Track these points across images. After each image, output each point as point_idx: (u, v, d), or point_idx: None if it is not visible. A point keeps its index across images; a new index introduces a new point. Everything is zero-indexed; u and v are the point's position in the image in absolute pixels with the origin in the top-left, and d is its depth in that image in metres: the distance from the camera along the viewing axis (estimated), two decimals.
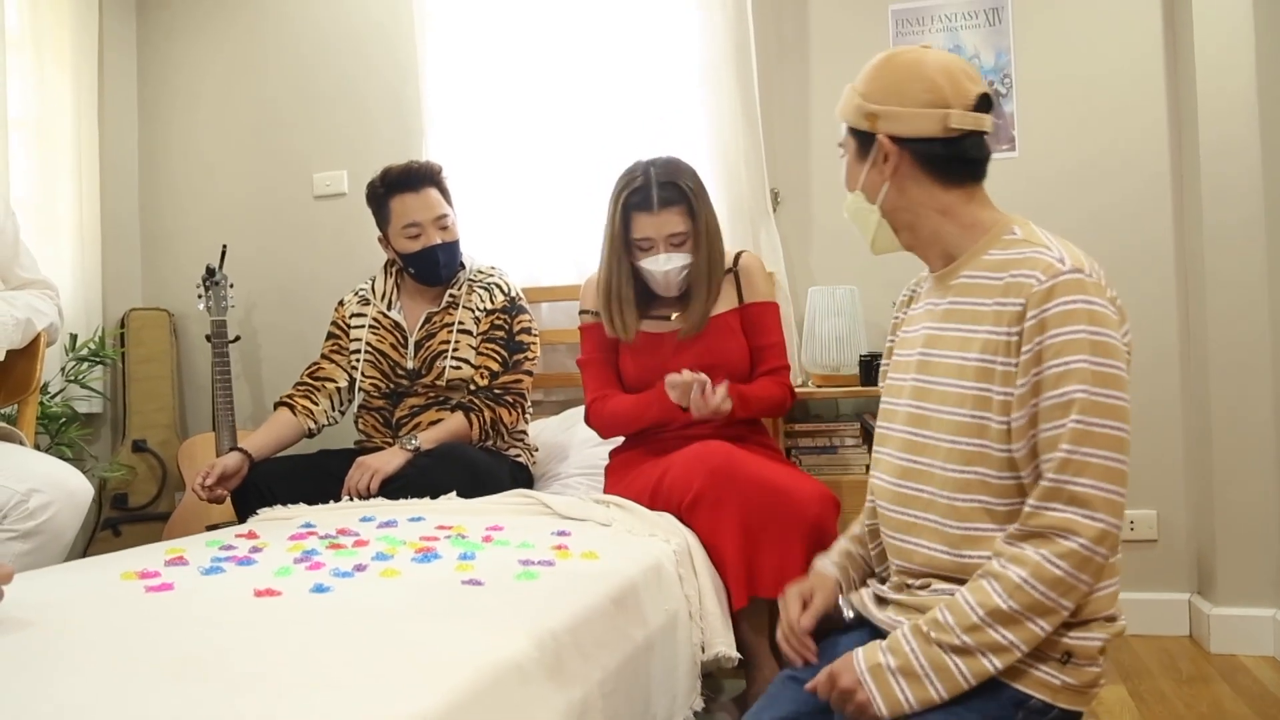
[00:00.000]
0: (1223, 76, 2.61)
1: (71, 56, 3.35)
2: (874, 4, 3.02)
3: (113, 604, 1.35)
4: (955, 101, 1.32)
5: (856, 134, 1.38)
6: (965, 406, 1.27)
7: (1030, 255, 1.25)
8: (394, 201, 2.61)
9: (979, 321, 1.28)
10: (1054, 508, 1.16)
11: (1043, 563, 1.15)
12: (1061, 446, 1.16)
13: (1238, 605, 2.58)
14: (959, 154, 1.34)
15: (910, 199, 1.36)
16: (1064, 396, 1.18)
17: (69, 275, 3.29)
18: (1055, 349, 1.19)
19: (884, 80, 1.35)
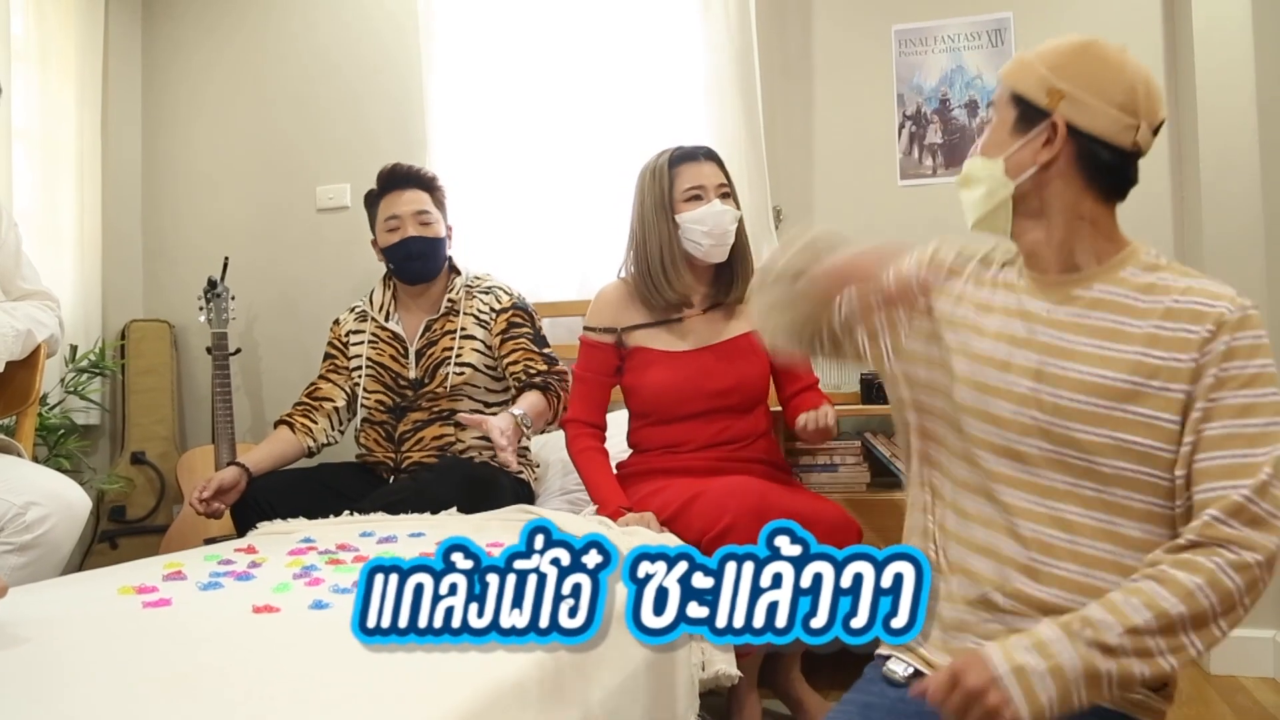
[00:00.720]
0: (1223, 95, 2.62)
1: (76, 67, 3.36)
2: (877, 23, 3.03)
3: (110, 619, 1.34)
4: (1144, 117, 1.25)
5: (1023, 104, 1.28)
6: (1105, 427, 1.21)
7: (1202, 285, 1.23)
8: (382, 202, 2.66)
9: (1122, 341, 1.23)
10: (1235, 525, 1.12)
11: (1218, 571, 1.09)
12: (1264, 472, 1.13)
13: (1238, 627, 2.56)
14: (1123, 170, 1.28)
15: (1052, 192, 1.28)
16: (1257, 428, 1.15)
17: (70, 286, 3.29)
18: (1245, 379, 1.17)
19: (1081, 64, 1.25)
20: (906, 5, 3.01)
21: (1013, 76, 1.30)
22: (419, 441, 2.58)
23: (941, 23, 2.99)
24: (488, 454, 2.60)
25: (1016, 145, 1.28)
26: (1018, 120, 1.28)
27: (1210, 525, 1.12)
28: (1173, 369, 1.19)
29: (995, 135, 1.31)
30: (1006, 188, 1.29)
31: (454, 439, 2.57)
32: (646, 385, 2.31)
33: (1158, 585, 1.10)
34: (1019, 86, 1.28)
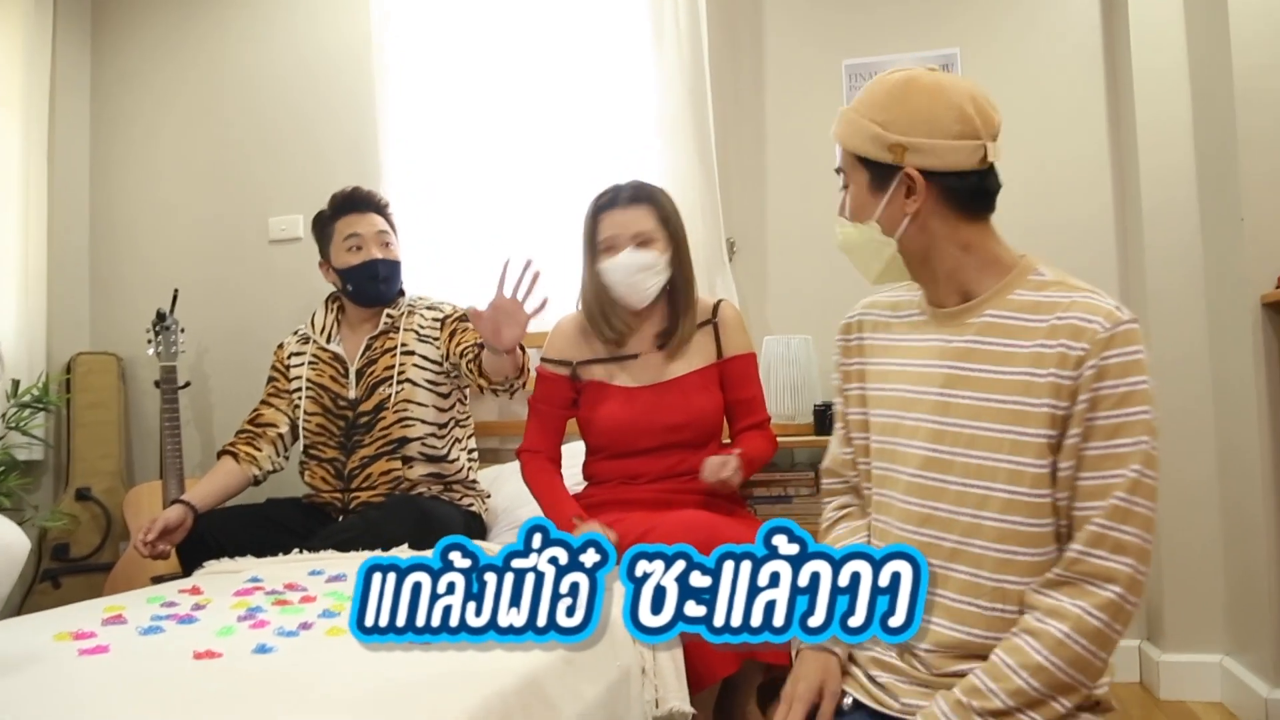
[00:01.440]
0: (1160, 133, 2.68)
1: (20, 98, 3.31)
2: (827, 58, 3.07)
3: (42, 669, 1.30)
4: (985, 132, 1.26)
5: (870, 165, 1.28)
6: (1000, 451, 1.22)
7: (1082, 299, 1.22)
8: (339, 222, 2.64)
9: (1011, 363, 1.23)
10: (1098, 554, 1.14)
11: (1083, 615, 1.13)
12: (1116, 495, 1.14)
13: (1185, 651, 2.61)
14: (985, 187, 1.28)
15: (931, 233, 1.28)
16: (1125, 447, 1.16)
17: (13, 319, 3.23)
18: (1116, 399, 1.16)
19: (908, 108, 1.25)
20: (856, 40, 3.06)
21: (849, 139, 1.30)
22: (367, 478, 2.54)
23: (891, 58, 3.04)
24: (437, 489, 2.58)
25: (881, 205, 1.28)
26: (871, 181, 1.29)
27: (1077, 560, 1.15)
28: (1054, 385, 1.19)
29: (857, 199, 1.32)
30: (890, 245, 1.30)
31: (402, 475, 2.54)
32: (600, 419, 2.30)
33: (1030, 639, 1.14)
34: (859, 149, 1.29)
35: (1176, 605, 2.63)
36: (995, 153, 1.27)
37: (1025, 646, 1.14)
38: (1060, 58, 2.93)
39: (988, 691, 1.14)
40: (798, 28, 3.11)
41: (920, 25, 3.02)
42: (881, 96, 1.28)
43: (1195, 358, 2.63)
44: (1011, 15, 2.96)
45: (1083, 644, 1.13)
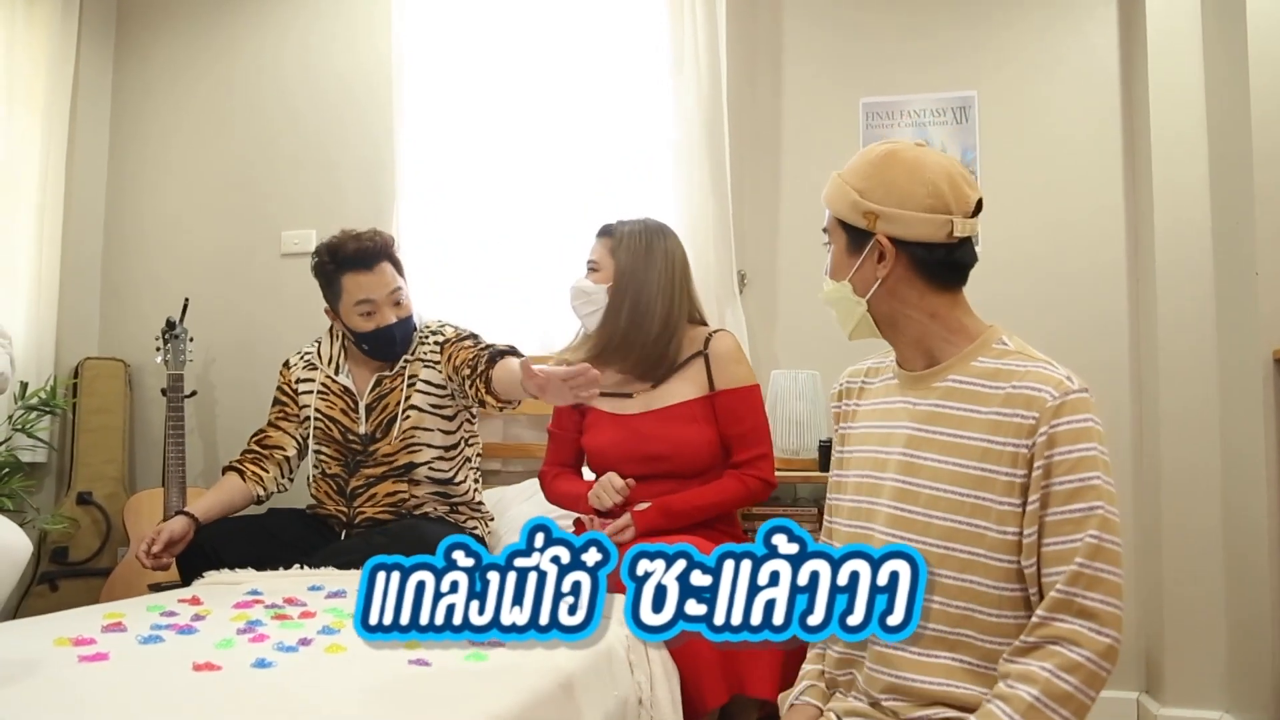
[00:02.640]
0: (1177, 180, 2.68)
1: (44, 103, 3.34)
2: (845, 96, 3.09)
3: (41, 675, 1.30)
4: (956, 208, 1.32)
5: (849, 228, 1.37)
6: (961, 514, 1.27)
7: (1036, 369, 1.28)
8: (345, 279, 2.53)
9: (970, 428, 1.29)
10: (1062, 619, 1.17)
11: (1052, 679, 1.16)
12: (1076, 560, 1.18)
13: (1186, 706, 2.58)
14: (954, 260, 1.35)
15: (900, 299, 1.36)
16: (1080, 512, 1.20)
17: (23, 321, 3.24)
18: (1069, 465, 1.21)
19: (884, 179, 1.33)
20: (875, 80, 3.08)
21: (833, 203, 1.40)
22: (371, 498, 2.54)
23: (909, 98, 3.06)
24: (442, 510, 2.57)
25: (855, 266, 1.37)
26: (849, 244, 1.38)
27: (1041, 625, 1.19)
28: (1012, 454, 1.25)
29: (837, 261, 1.41)
30: (860, 305, 1.39)
31: (407, 495, 2.53)
32: (591, 446, 2.38)
33: (1004, 705, 1.17)
34: (840, 213, 1.38)
35: (1177, 659, 2.61)
36: (965, 228, 1.33)
37: (998, 713, 1.16)
38: (1078, 105, 2.94)
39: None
40: (817, 62, 3.13)
41: (939, 65, 3.04)
42: (864, 165, 1.37)
43: (1204, 412, 2.62)
44: (1031, 60, 2.98)
45: (1054, 707, 1.15)
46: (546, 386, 2.01)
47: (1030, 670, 1.17)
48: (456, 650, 1.48)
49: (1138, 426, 2.83)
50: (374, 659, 1.42)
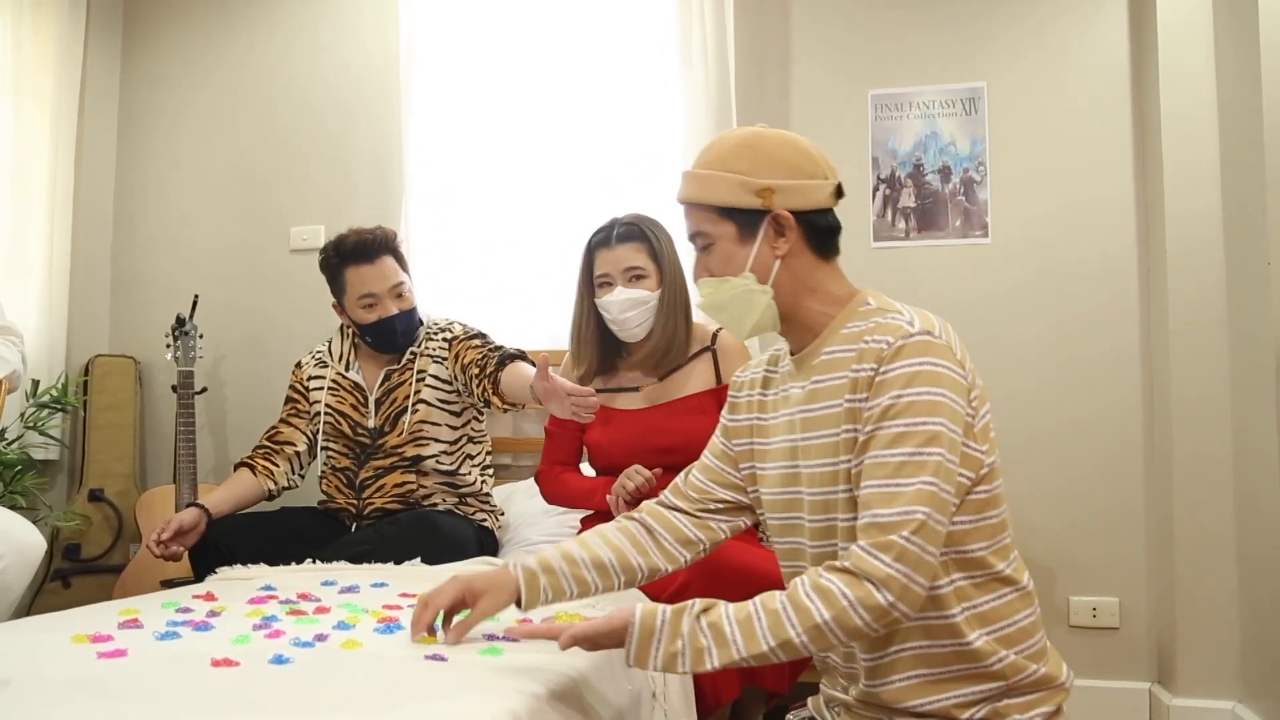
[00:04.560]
0: (1188, 171, 2.68)
1: (52, 100, 3.34)
2: (854, 88, 3.09)
3: (62, 671, 1.30)
4: (830, 174, 1.36)
5: (735, 214, 1.34)
6: (837, 483, 1.27)
7: (885, 322, 1.26)
8: (349, 272, 2.57)
9: (837, 395, 1.28)
10: (878, 556, 1.15)
11: (848, 609, 1.15)
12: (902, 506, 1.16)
13: (1198, 697, 2.58)
14: (836, 225, 1.37)
15: (795, 275, 1.35)
16: (909, 456, 1.18)
17: (35, 319, 3.25)
18: (899, 409, 1.20)
19: (767, 155, 1.33)
20: (883, 71, 3.08)
21: (711, 195, 1.35)
22: (380, 489, 2.55)
23: (917, 89, 3.05)
24: (451, 501, 2.58)
25: (753, 252, 1.34)
26: (740, 231, 1.34)
27: (859, 558, 1.17)
28: (851, 411, 1.25)
29: (724, 253, 1.36)
30: (766, 293, 1.35)
31: (415, 485, 2.55)
32: (598, 441, 2.37)
33: (791, 614, 1.17)
34: (723, 201, 1.34)
35: (1189, 650, 2.61)
36: (840, 191, 1.37)
37: (784, 620, 1.17)
38: (1088, 94, 2.93)
39: (733, 642, 1.18)
40: (825, 56, 3.13)
41: (947, 57, 3.04)
42: (736, 149, 1.35)
43: (1216, 401, 2.61)
44: (1040, 50, 2.97)
45: (836, 633, 1.16)
46: (553, 393, 2.01)
47: (831, 591, 1.16)
48: (472, 646, 1.50)
49: (1149, 416, 2.82)
50: (390, 655, 1.43)
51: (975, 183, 2.99)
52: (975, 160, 3.00)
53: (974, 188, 2.99)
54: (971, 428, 1.26)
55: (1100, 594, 2.82)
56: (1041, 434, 2.88)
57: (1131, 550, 2.81)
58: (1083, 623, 2.82)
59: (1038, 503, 2.87)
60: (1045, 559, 2.85)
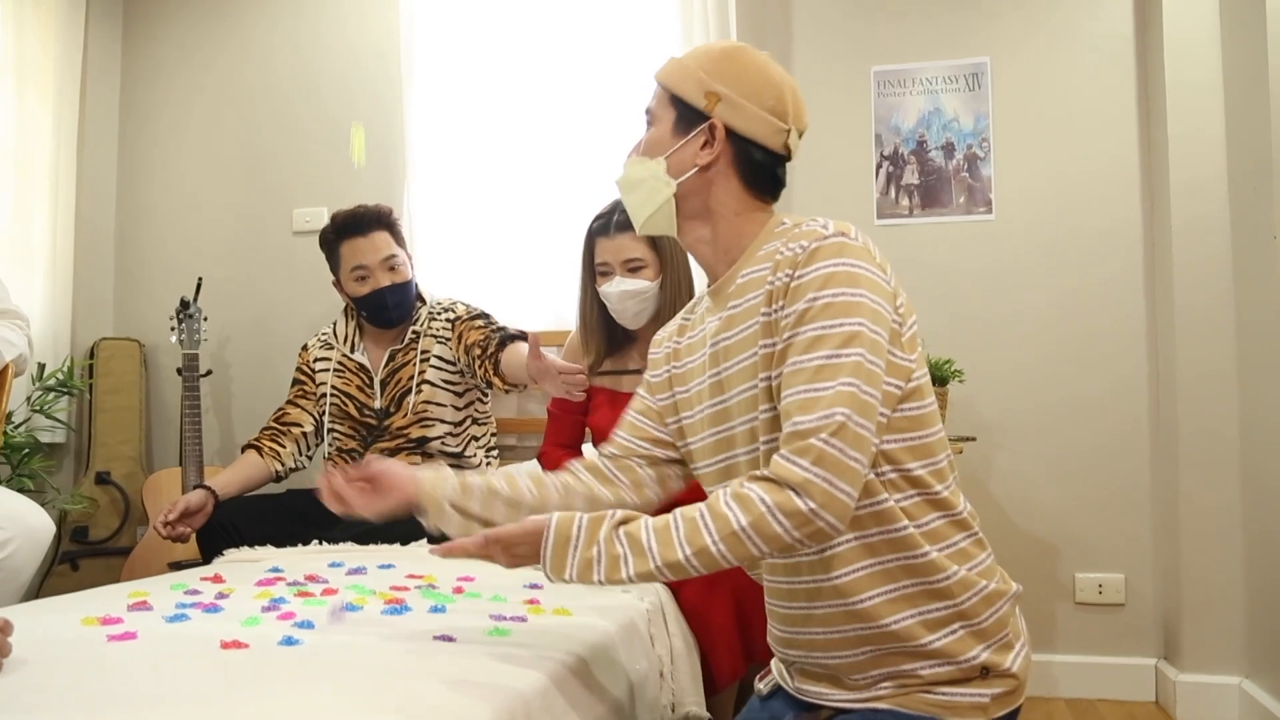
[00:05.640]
0: (1191, 139, 2.67)
1: (54, 84, 3.33)
2: (857, 64, 3.07)
3: (73, 653, 1.31)
4: (794, 123, 1.31)
5: (681, 105, 1.31)
6: (757, 407, 1.23)
7: (802, 229, 1.22)
8: (343, 246, 2.61)
9: (755, 314, 1.24)
10: (794, 460, 1.11)
11: (766, 515, 1.11)
12: (816, 410, 1.11)
13: (1204, 672, 2.59)
14: (774, 171, 1.33)
15: (711, 192, 1.31)
16: (827, 359, 1.13)
17: (40, 303, 3.25)
18: (815, 312, 1.16)
19: (734, 69, 1.30)
20: (886, 47, 3.05)
21: (671, 78, 1.34)
22: None
23: (920, 65, 3.03)
24: None
25: (677, 146, 1.32)
26: (677, 121, 1.32)
27: (777, 464, 1.12)
28: (768, 325, 1.21)
29: (656, 135, 1.34)
30: (670, 186, 1.32)
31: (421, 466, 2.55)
32: (600, 424, 2.37)
33: (708, 520, 1.13)
34: (678, 88, 1.32)
35: (1195, 625, 2.61)
36: (795, 147, 1.32)
37: (701, 526, 1.13)
38: (1092, 68, 2.91)
39: (649, 551, 1.15)
40: (827, 39, 3.11)
41: (950, 35, 3.01)
42: (715, 52, 1.33)
43: (1222, 374, 2.61)
44: (1044, 25, 2.95)
45: (755, 541, 1.12)
46: (545, 372, 2.01)
47: (749, 497, 1.12)
48: (480, 625, 1.50)
49: (1154, 391, 2.82)
50: (398, 635, 1.44)
51: (979, 159, 2.98)
52: (979, 136, 2.98)
53: (978, 164, 2.98)
54: (899, 335, 1.21)
55: (1106, 570, 2.83)
56: (1046, 410, 2.88)
57: (1137, 526, 2.82)
58: (1089, 599, 2.83)
59: (1043, 479, 2.87)
60: (1050, 536, 2.86)
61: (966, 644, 1.20)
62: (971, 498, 1.31)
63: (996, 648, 1.22)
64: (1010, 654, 1.23)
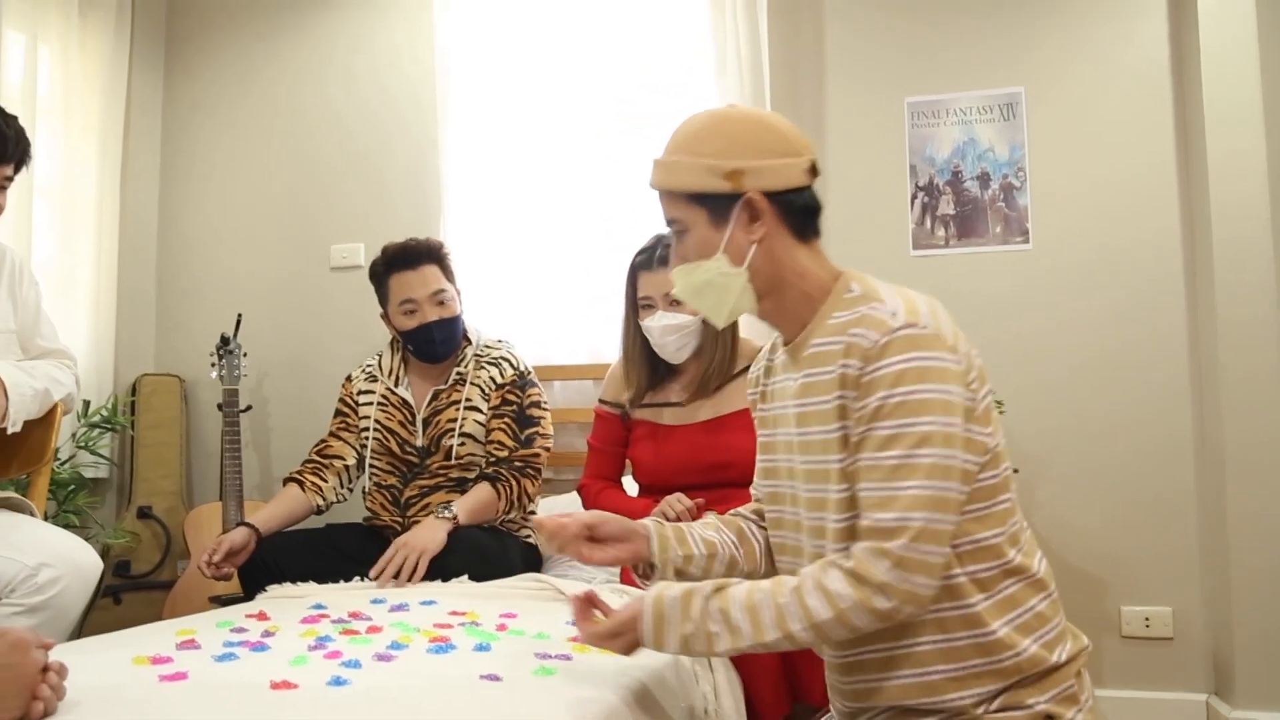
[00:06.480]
0: (1233, 171, 2.65)
1: (98, 124, 3.40)
2: (890, 95, 3.07)
3: (127, 694, 1.32)
4: (805, 151, 1.31)
5: (706, 200, 1.30)
6: (829, 481, 1.26)
7: (867, 313, 1.22)
8: (392, 279, 2.61)
9: (828, 391, 1.25)
10: (879, 564, 1.15)
11: (849, 612, 1.16)
12: (893, 509, 1.15)
13: (1258, 708, 2.53)
14: (814, 205, 1.33)
15: (776, 260, 1.31)
16: (902, 459, 1.16)
17: (84, 340, 3.30)
18: (890, 409, 1.17)
19: (735, 136, 1.29)
20: (919, 78, 3.06)
21: (677, 180, 1.32)
22: (425, 508, 2.56)
23: (954, 96, 3.03)
24: None
25: (726, 236, 1.29)
26: (711, 215, 1.30)
27: (860, 560, 1.16)
28: (842, 409, 1.23)
29: (697, 239, 1.32)
30: (740, 275, 1.31)
31: None
32: (644, 458, 2.37)
33: (797, 609, 1.18)
34: (692, 186, 1.30)
35: (1249, 659, 2.56)
36: (815, 168, 1.33)
37: (788, 612, 1.18)
38: (1127, 95, 2.90)
39: (740, 631, 1.20)
40: (859, 71, 3.12)
41: (983, 65, 3.02)
42: (701, 133, 1.31)
43: (1269, 397, 2.58)
44: (1078, 54, 2.95)
45: (839, 631, 1.18)
46: None
47: (834, 591, 1.16)
48: (526, 665, 1.50)
49: (1198, 421, 2.78)
50: (445, 675, 1.44)
51: (1015, 188, 2.97)
52: (1014, 166, 2.97)
53: (1013, 193, 2.97)
54: (973, 411, 1.22)
55: (1153, 603, 2.78)
56: (1088, 439, 2.85)
57: (1184, 557, 2.77)
58: (1136, 633, 2.78)
59: (1086, 510, 2.84)
60: (1095, 568, 2.82)
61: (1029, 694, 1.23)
62: None
63: (1059, 699, 1.22)
64: (1073, 709, 1.23)
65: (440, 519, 2.35)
